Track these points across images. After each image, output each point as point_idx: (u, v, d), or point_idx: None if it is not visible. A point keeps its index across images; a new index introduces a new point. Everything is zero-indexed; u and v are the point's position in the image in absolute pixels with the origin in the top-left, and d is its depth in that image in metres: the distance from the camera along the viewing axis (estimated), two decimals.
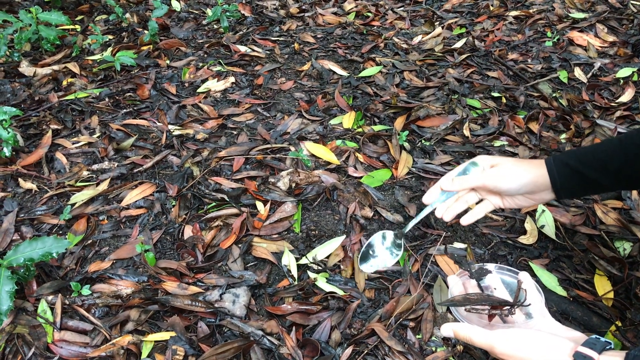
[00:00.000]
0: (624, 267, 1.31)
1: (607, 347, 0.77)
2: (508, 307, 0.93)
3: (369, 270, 1.16)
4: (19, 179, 1.64)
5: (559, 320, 1.21)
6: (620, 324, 1.21)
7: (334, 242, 1.43)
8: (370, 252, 1.10)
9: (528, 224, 1.46)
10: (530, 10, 2.60)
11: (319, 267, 1.37)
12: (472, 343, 0.87)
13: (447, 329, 0.90)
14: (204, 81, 2.14)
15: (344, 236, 1.45)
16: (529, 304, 0.93)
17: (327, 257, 1.40)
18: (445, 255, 1.38)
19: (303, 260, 1.39)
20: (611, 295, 1.27)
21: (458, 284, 1.03)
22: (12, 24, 2.17)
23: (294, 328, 1.22)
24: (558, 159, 1.05)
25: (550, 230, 1.43)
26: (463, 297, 0.96)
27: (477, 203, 1.09)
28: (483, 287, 1.01)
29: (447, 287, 1.04)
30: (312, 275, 1.35)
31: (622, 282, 1.29)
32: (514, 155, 1.71)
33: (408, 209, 1.52)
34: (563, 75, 2.09)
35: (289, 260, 1.39)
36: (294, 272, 1.37)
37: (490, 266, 1.03)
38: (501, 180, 1.02)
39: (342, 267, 1.38)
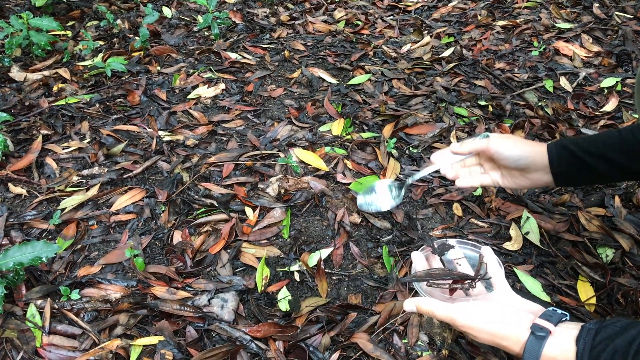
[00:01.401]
0: (606, 273, 1.34)
1: (564, 319, 0.80)
2: (469, 281, 0.97)
3: (365, 208, 1.20)
4: (9, 184, 1.64)
5: None
6: None
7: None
8: (371, 194, 1.18)
9: (513, 231, 1.48)
10: (518, 20, 2.64)
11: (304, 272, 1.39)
12: (434, 316, 0.89)
13: (410, 304, 0.92)
14: (194, 88, 2.15)
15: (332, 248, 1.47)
16: (490, 277, 0.96)
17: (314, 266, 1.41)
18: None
19: (293, 267, 1.41)
20: (594, 300, 1.29)
21: (421, 259, 1.06)
22: (2, 29, 2.18)
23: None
24: (558, 142, 1.09)
25: (534, 237, 1.46)
26: (425, 272, 0.99)
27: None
28: (447, 262, 1.04)
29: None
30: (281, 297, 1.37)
31: (604, 287, 1.32)
32: None
33: (395, 215, 1.54)
34: (549, 84, 2.13)
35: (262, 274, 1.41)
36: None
37: (452, 241, 1.08)
38: (502, 146, 1.08)
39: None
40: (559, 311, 0.81)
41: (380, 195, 1.19)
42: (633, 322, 0.75)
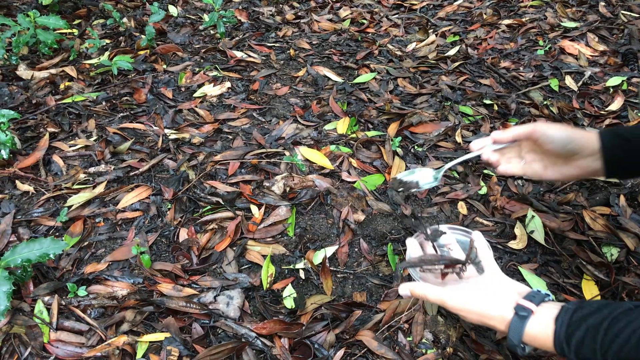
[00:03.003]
0: (611, 272, 1.34)
1: (546, 299, 0.86)
2: (460, 265, 1.01)
3: (405, 177, 1.18)
4: (16, 181, 1.66)
5: None
6: None
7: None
8: (411, 175, 1.17)
9: (518, 229, 1.49)
10: (523, 19, 2.63)
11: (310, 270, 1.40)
12: (427, 299, 0.94)
13: (404, 289, 0.98)
14: (200, 86, 2.16)
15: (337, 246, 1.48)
16: (479, 261, 1.00)
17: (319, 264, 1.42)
18: None
19: (299, 265, 1.42)
20: (598, 299, 1.30)
21: (415, 245, 1.09)
22: (10, 28, 2.19)
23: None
24: (610, 129, 1.05)
25: (539, 236, 1.46)
26: (419, 258, 1.04)
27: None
28: (439, 247, 1.08)
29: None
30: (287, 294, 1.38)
31: (609, 286, 1.32)
32: None
33: (405, 207, 1.55)
34: (554, 83, 2.13)
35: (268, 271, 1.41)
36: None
37: (444, 227, 1.12)
38: (549, 129, 1.03)
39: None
40: (543, 292, 0.87)
41: (419, 176, 1.17)
42: (608, 303, 0.80)
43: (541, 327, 0.82)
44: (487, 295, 0.90)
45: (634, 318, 0.74)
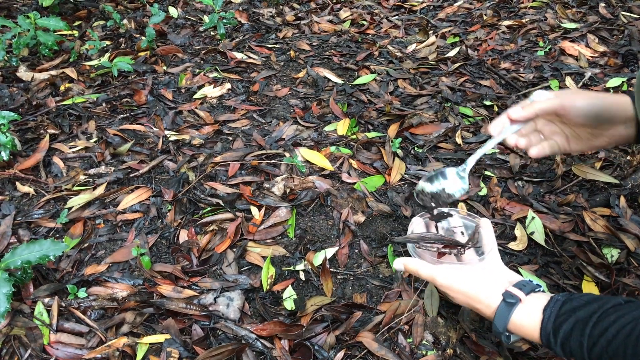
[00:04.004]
0: (611, 273, 1.34)
1: (537, 290, 0.84)
2: (459, 247, 1.01)
3: (431, 188, 1.09)
4: (17, 183, 1.66)
5: None
6: None
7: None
8: (439, 179, 1.09)
9: (518, 231, 1.49)
10: (523, 20, 2.64)
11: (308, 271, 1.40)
12: (418, 275, 0.95)
13: (399, 263, 0.99)
14: (200, 87, 2.16)
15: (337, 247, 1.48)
16: (479, 246, 1.00)
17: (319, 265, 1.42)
18: None
19: (299, 266, 1.42)
20: (589, 292, 1.29)
21: (420, 224, 1.09)
22: (10, 29, 2.19)
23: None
24: None
25: (539, 237, 1.46)
26: (418, 235, 1.04)
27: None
28: (446, 230, 1.08)
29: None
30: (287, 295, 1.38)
31: (609, 288, 1.32)
32: (505, 162, 1.74)
33: (405, 208, 1.55)
34: (554, 84, 2.13)
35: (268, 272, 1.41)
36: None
37: (453, 211, 1.10)
38: (579, 100, 0.93)
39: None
40: (535, 282, 0.85)
41: (444, 183, 1.08)
42: (598, 297, 0.79)
43: (528, 316, 0.81)
44: (478, 277, 0.89)
45: (624, 313, 0.73)
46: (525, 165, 1.72)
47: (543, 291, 0.85)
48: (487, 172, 1.70)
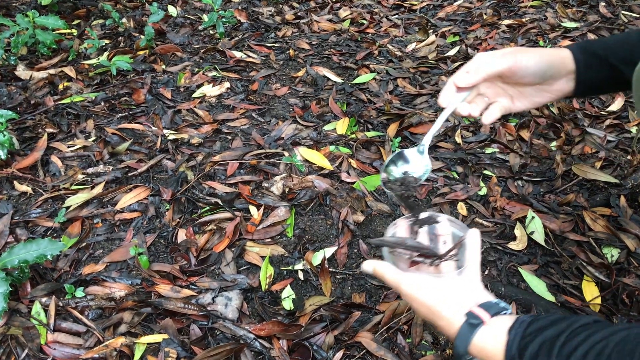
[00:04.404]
0: (611, 273, 1.33)
1: (503, 312, 0.78)
2: (433, 258, 0.92)
3: (396, 173, 1.01)
4: (14, 182, 1.65)
5: None
6: None
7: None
8: (400, 163, 1.00)
9: (518, 230, 1.48)
10: (523, 19, 2.63)
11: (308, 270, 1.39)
12: (384, 280, 0.87)
13: (369, 264, 0.91)
14: (199, 86, 2.16)
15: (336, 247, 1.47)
16: (457, 259, 0.91)
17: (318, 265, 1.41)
18: None
19: (297, 266, 1.41)
20: (598, 300, 1.29)
21: (403, 227, 0.99)
22: (9, 28, 2.19)
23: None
24: (584, 47, 0.97)
25: (539, 237, 1.45)
26: (395, 240, 0.96)
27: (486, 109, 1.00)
28: (431, 235, 0.98)
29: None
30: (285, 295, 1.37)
31: (609, 288, 1.31)
32: (504, 163, 1.73)
33: (404, 208, 1.54)
34: None
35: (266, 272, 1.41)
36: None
37: (442, 217, 0.98)
38: (526, 59, 0.92)
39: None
40: (502, 304, 0.79)
41: (406, 166, 1.00)
42: (565, 317, 0.74)
43: (492, 339, 0.75)
44: (445, 292, 0.81)
45: (593, 332, 0.69)
46: (525, 165, 1.72)
47: (510, 314, 0.78)
48: (486, 172, 1.69)
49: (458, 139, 1.83)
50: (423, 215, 0.98)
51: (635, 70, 0.94)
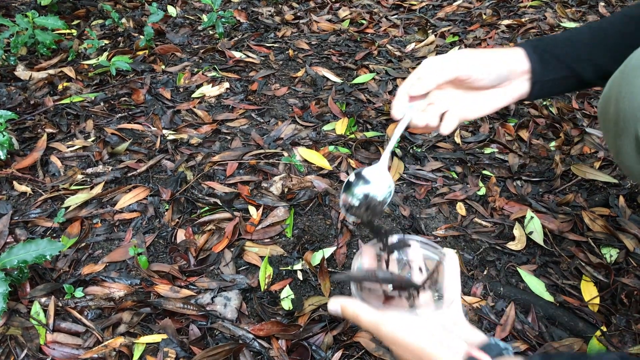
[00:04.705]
0: (610, 273, 1.33)
1: (505, 353, 0.70)
2: (412, 290, 0.79)
3: (359, 196, 0.89)
4: (14, 182, 1.65)
5: (545, 326, 1.24)
6: (605, 329, 1.23)
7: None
8: (358, 186, 0.89)
9: (517, 230, 1.48)
10: (523, 19, 2.63)
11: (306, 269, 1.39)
12: (359, 322, 0.74)
13: (335, 304, 0.77)
14: (198, 86, 2.16)
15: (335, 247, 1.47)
16: (437, 290, 0.80)
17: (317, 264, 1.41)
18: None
19: (296, 266, 1.41)
20: (597, 300, 1.29)
21: (370, 255, 0.86)
22: (8, 28, 2.19)
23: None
24: (538, 47, 0.91)
25: (538, 237, 1.45)
26: (363, 273, 0.82)
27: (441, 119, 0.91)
28: (401, 263, 0.86)
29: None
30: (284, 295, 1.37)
31: (608, 288, 1.31)
32: (503, 163, 1.73)
33: (404, 208, 1.54)
34: None
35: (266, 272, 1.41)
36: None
37: (413, 239, 0.86)
38: (478, 61, 0.86)
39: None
40: (501, 344, 0.71)
41: (374, 183, 0.89)
42: (579, 355, 0.69)
43: None
44: (434, 334, 0.70)
45: None
46: (524, 165, 1.72)
47: (511, 354, 0.70)
48: (485, 172, 1.69)
49: (457, 139, 1.83)
50: (391, 239, 0.85)
51: (599, 103, 0.91)
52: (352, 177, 0.90)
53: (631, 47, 0.86)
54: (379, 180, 0.89)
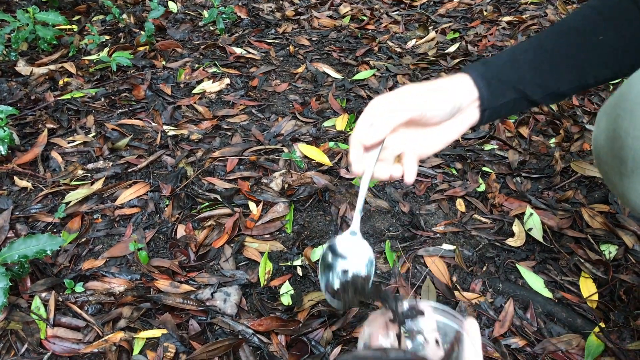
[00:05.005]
0: (608, 269, 1.34)
1: None
2: None
3: (340, 275, 0.80)
4: (15, 178, 1.66)
5: (544, 322, 1.24)
6: (604, 326, 1.23)
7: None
8: (334, 265, 0.80)
9: (516, 227, 1.48)
10: (524, 16, 2.63)
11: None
12: None
13: None
14: (199, 82, 2.16)
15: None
16: None
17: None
18: (435, 256, 1.41)
19: (296, 262, 1.41)
20: (596, 297, 1.30)
21: (378, 325, 0.73)
22: (9, 24, 2.18)
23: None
24: (486, 73, 0.84)
25: (537, 233, 1.46)
26: (374, 353, 0.66)
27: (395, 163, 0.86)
28: (412, 333, 0.73)
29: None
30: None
31: (606, 284, 1.32)
32: (503, 160, 1.73)
33: (403, 204, 1.55)
34: None
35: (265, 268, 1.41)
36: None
37: (425, 304, 0.74)
38: (430, 99, 0.79)
39: None
40: None
41: (350, 257, 0.80)
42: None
43: None
44: None
45: None
46: (524, 162, 1.72)
47: None
48: (485, 168, 1.69)
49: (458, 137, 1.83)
50: (402, 305, 0.73)
51: (594, 140, 0.88)
52: (327, 256, 0.80)
53: (575, 64, 0.84)
54: (356, 252, 0.80)
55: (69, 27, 2.54)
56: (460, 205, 1.57)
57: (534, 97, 0.86)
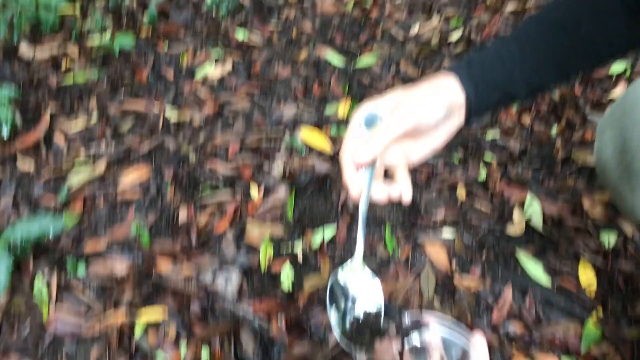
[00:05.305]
0: (608, 258, 1.35)
1: None
2: None
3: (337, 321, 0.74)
4: (17, 161, 1.66)
5: (542, 309, 1.25)
6: (601, 314, 1.24)
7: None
8: (341, 302, 0.74)
9: (516, 215, 1.49)
10: (527, 5, 2.61)
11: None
12: None
13: None
14: (201, 67, 2.15)
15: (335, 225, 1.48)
16: None
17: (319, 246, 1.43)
18: (435, 243, 1.41)
19: (297, 247, 1.42)
20: (594, 285, 1.30)
21: (382, 341, 0.72)
22: (12, 7, 2.18)
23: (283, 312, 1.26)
24: (470, 75, 0.78)
25: (537, 222, 1.46)
26: None
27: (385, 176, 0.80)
28: (415, 349, 0.71)
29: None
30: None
31: (605, 273, 1.32)
32: (504, 148, 1.73)
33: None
34: None
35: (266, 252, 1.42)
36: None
37: (429, 317, 0.72)
38: (425, 107, 0.72)
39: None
40: None
41: (358, 294, 0.74)
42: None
43: None
44: None
45: None
46: (525, 150, 1.72)
47: None
48: (486, 157, 1.70)
49: None
50: (405, 319, 0.72)
51: (597, 155, 0.84)
52: (336, 296, 0.75)
53: (560, 59, 0.82)
54: (364, 288, 0.74)
55: (71, 13, 2.53)
56: (461, 193, 1.58)
57: (518, 95, 0.83)
